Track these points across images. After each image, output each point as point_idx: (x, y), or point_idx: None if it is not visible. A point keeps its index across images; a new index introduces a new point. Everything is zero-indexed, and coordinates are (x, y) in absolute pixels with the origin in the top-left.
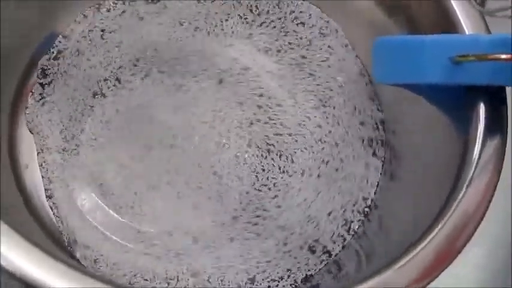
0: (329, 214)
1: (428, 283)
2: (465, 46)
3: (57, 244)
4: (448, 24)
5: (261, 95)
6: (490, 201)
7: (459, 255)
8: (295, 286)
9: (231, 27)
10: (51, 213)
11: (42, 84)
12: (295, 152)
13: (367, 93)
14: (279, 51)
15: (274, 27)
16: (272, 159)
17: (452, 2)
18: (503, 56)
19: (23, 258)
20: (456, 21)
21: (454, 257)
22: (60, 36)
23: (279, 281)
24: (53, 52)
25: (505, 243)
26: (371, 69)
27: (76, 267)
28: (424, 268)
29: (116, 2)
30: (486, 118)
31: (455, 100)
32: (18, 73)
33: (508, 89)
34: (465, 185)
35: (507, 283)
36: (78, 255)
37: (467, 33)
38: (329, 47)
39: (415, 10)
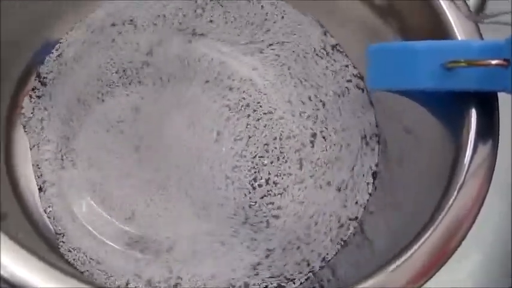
0: (322, 219)
1: (420, 287)
2: (457, 52)
3: (51, 249)
4: (440, 29)
5: (253, 99)
6: (481, 206)
7: (456, 261)
8: None
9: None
10: (47, 218)
11: (38, 91)
12: (290, 154)
13: (359, 98)
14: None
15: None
16: (268, 161)
17: (444, 7)
18: (494, 62)
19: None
20: (448, 26)
21: (446, 260)
22: (57, 43)
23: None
24: (49, 59)
25: (502, 248)
26: (364, 75)
27: (71, 272)
28: (416, 271)
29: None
30: (477, 123)
31: (447, 106)
32: (15, 79)
33: (501, 94)
34: (456, 190)
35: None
36: (72, 259)
37: (459, 38)
38: (323, 49)
39: (407, 15)
